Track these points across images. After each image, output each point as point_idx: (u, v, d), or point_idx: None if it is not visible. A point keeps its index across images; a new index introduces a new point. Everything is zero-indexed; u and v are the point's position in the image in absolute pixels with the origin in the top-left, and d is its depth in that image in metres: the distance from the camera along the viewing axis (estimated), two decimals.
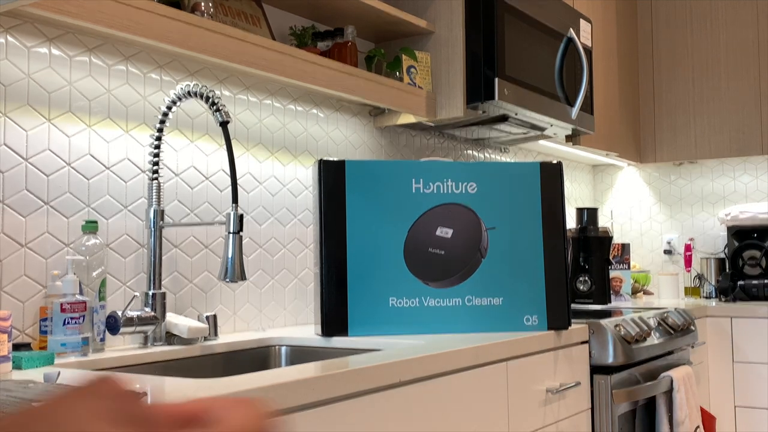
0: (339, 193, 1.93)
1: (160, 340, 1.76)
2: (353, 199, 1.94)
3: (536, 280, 2.02)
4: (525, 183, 2.05)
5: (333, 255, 1.90)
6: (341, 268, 1.91)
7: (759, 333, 3.17)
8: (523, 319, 2.01)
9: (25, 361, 1.40)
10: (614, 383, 2.17)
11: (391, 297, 1.94)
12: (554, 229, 2.05)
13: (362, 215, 1.94)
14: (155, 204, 1.78)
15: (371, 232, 1.94)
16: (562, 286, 2.03)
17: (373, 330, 1.90)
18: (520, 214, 2.04)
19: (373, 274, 1.93)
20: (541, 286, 2.02)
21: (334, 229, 1.91)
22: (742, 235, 3.68)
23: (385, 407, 1.42)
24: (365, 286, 1.92)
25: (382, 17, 2.33)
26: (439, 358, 1.57)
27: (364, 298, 1.91)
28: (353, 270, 1.91)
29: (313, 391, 1.26)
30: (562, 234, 2.06)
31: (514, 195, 2.04)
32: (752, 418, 3.27)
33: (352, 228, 1.92)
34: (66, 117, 1.68)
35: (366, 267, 1.92)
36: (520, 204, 2.04)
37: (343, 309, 1.90)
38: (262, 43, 1.87)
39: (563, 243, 2.06)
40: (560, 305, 2.02)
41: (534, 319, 2.01)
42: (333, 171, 1.94)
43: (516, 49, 2.49)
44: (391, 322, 1.92)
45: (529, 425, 1.88)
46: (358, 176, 1.95)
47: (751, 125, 3.58)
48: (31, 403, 0.94)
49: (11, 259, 1.56)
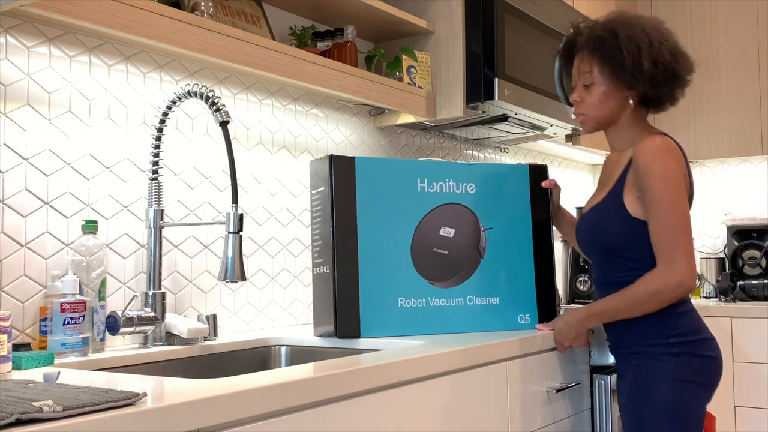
0: (350, 191, 1.89)
1: (160, 340, 1.76)
2: (363, 197, 1.90)
3: (528, 279, 2.08)
4: (516, 184, 2.11)
5: (345, 254, 1.86)
6: (353, 267, 1.87)
7: (759, 333, 3.17)
8: (518, 317, 2.06)
9: (25, 361, 1.40)
10: (614, 383, 2.17)
11: (400, 297, 1.92)
12: (542, 229, 2.12)
13: (372, 214, 1.91)
14: (155, 204, 1.78)
15: (380, 232, 1.92)
16: (550, 286, 2.11)
17: (383, 331, 1.88)
18: (513, 215, 2.09)
19: (383, 273, 1.90)
20: (532, 286, 2.09)
21: (346, 227, 1.87)
22: (742, 235, 3.68)
23: (385, 407, 1.42)
24: (376, 286, 1.89)
25: (382, 17, 2.33)
26: (439, 358, 1.57)
27: (375, 298, 1.88)
28: (364, 270, 1.88)
29: (313, 391, 1.26)
30: (549, 235, 2.13)
31: (507, 196, 2.09)
32: (752, 418, 3.27)
33: (363, 227, 1.89)
34: (66, 117, 1.68)
35: (376, 267, 1.89)
36: (512, 205, 2.10)
37: (355, 310, 1.86)
38: (262, 43, 1.87)
39: (550, 243, 2.13)
40: (549, 304, 2.10)
41: (527, 317, 2.07)
42: (344, 167, 1.89)
43: (516, 49, 2.49)
44: (400, 322, 1.91)
45: (529, 425, 1.88)
46: (367, 174, 1.92)
47: (751, 125, 3.58)
48: (31, 403, 0.94)
49: (11, 259, 1.56)
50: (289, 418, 1.22)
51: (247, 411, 1.14)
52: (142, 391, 1.05)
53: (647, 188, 1.78)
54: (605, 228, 1.87)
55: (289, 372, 1.30)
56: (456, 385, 1.63)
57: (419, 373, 1.51)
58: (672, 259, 1.74)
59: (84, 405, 0.96)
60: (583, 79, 1.90)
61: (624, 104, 1.89)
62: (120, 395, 1.02)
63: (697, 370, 1.80)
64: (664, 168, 1.77)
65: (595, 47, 1.86)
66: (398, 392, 1.46)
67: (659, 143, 1.80)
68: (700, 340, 1.82)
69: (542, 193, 2.13)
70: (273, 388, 1.19)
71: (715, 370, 1.83)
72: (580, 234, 2.00)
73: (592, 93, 1.88)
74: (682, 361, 1.78)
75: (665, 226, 1.75)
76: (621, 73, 1.83)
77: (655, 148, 1.79)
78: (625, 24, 1.84)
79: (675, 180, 1.77)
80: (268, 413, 1.18)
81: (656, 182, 1.76)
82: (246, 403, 1.14)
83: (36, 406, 0.93)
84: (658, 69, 1.81)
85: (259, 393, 1.16)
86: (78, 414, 0.95)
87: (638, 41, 1.81)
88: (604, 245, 1.89)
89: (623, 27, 1.83)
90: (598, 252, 1.93)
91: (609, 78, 1.85)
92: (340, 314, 1.84)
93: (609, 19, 1.88)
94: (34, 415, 0.91)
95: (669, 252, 1.75)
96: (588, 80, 1.88)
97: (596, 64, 1.86)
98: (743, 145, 3.60)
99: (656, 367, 1.80)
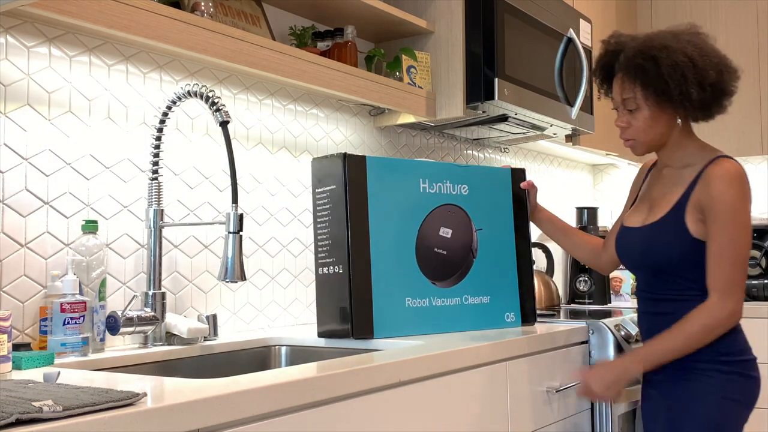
0: (362, 190, 1.89)
1: (160, 340, 1.76)
2: (373, 197, 1.90)
3: (512, 279, 2.15)
4: (500, 187, 2.16)
5: (359, 254, 1.85)
6: (366, 267, 1.86)
7: (759, 333, 3.17)
8: (505, 316, 2.11)
9: (25, 361, 1.40)
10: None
11: (407, 297, 1.93)
12: (523, 230, 2.19)
13: (381, 213, 1.91)
14: (155, 204, 1.78)
15: (389, 231, 1.92)
16: (530, 284, 2.17)
17: (394, 331, 1.88)
18: (498, 216, 2.15)
19: (392, 273, 1.91)
20: (515, 285, 2.15)
21: (359, 227, 1.87)
22: None
23: (385, 407, 1.42)
24: (386, 286, 1.89)
25: (382, 17, 2.33)
26: (439, 358, 1.57)
27: (385, 298, 1.88)
28: (375, 270, 1.88)
29: (313, 391, 1.26)
30: (527, 236, 2.20)
31: (493, 198, 2.14)
32: (752, 418, 3.26)
33: (373, 226, 1.89)
34: (66, 117, 1.68)
35: (386, 267, 1.90)
36: (497, 206, 2.15)
37: (369, 310, 1.85)
38: (262, 43, 1.87)
39: (529, 244, 2.20)
40: (529, 302, 2.16)
41: (512, 316, 2.12)
42: (356, 166, 1.89)
43: (516, 49, 2.49)
44: (408, 322, 1.92)
45: (529, 425, 1.88)
46: (376, 173, 1.92)
47: (751, 125, 3.58)
48: (31, 403, 0.94)
49: (11, 259, 1.56)
50: (289, 418, 1.22)
51: (247, 411, 1.14)
52: (142, 391, 1.05)
53: (715, 216, 1.73)
54: (664, 247, 1.81)
55: (290, 372, 1.30)
56: (456, 385, 1.63)
57: (419, 373, 1.51)
58: (728, 294, 1.73)
59: (84, 405, 0.96)
60: (626, 104, 1.83)
61: (672, 123, 1.83)
62: (120, 395, 1.02)
63: (743, 390, 1.78)
64: (734, 199, 1.73)
65: (636, 75, 1.79)
66: (398, 392, 1.46)
67: (734, 172, 1.76)
68: (748, 361, 1.81)
69: (521, 196, 2.20)
70: (273, 388, 1.19)
71: (758, 391, 1.82)
72: (624, 249, 1.93)
73: (637, 118, 1.82)
74: (731, 379, 1.77)
75: (726, 259, 1.72)
76: (668, 101, 1.77)
77: (731, 178, 1.75)
78: (664, 48, 1.75)
79: (744, 212, 1.74)
80: (268, 413, 1.18)
81: (725, 213, 1.72)
82: (246, 403, 1.14)
83: (36, 406, 0.93)
84: (706, 92, 1.76)
85: (259, 393, 1.16)
86: (78, 414, 0.95)
87: (682, 68, 1.73)
88: (661, 264, 1.83)
89: (663, 52, 1.75)
90: (651, 270, 1.86)
91: (654, 102, 1.79)
92: (356, 315, 1.84)
93: (645, 43, 1.79)
94: (34, 415, 0.91)
95: (727, 286, 1.72)
96: (632, 105, 1.82)
97: (639, 89, 1.79)
98: (743, 145, 3.60)
99: (704, 383, 1.77)
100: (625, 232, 1.93)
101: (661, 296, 1.85)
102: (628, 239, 1.92)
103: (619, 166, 4.12)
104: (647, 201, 1.93)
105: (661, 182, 1.91)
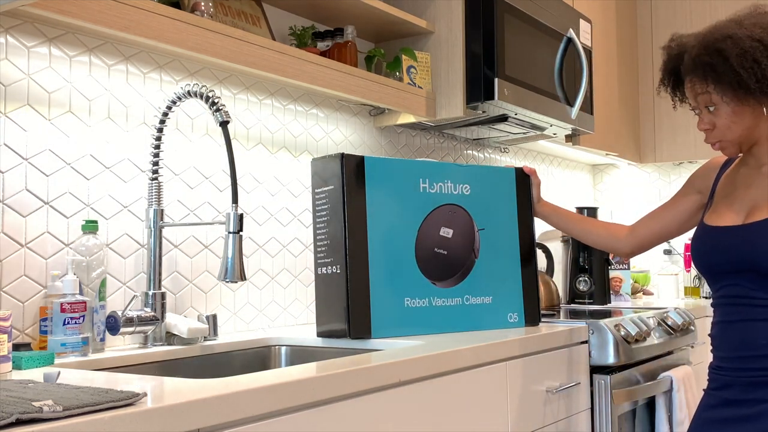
0: (360, 190, 1.90)
1: (160, 340, 1.76)
2: (371, 197, 1.91)
3: (515, 279, 2.14)
4: (504, 187, 2.16)
5: (357, 254, 1.86)
6: (365, 267, 1.87)
7: None
8: (507, 316, 2.10)
9: (25, 361, 1.40)
10: (614, 383, 2.17)
11: (407, 297, 1.93)
12: (526, 231, 2.18)
13: (379, 213, 1.91)
14: (155, 204, 1.78)
15: (387, 231, 1.92)
16: (534, 284, 2.17)
17: (392, 331, 1.88)
18: (501, 216, 2.14)
19: (391, 273, 1.91)
20: (518, 285, 2.14)
21: (357, 227, 1.87)
22: None
23: (385, 407, 1.42)
24: (385, 286, 1.89)
25: (382, 17, 2.33)
26: (439, 358, 1.57)
27: (384, 299, 1.89)
28: (374, 270, 1.88)
29: (313, 391, 1.26)
30: (532, 236, 2.20)
31: (496, 198, 2.14)
32: None
33: (372, 226, 1.89)
34: (66, 117, 1.68)
35: (385, 267, 1.90)
36: (500, 206, 2.15)
37: (366, 310, 1.86)
38: (262, 43, 1.87)
39: (533, 244, 2.20)
40: (533, 302, 2.16)
41: (515, 316, 2.12)
42: (354, 166, 1.89)
43: (516, 49, 2.49)
44: (406, 323, 1.92)
45: (529, 425, 1.88)
46: (374, 173, 1.93)
47: None
48: (31, 403, 0.94)
49: (11, 259, 1.56)
50: (289, 418, 1.22)
51: (247, 411, 1.14)
52: (142, 391, 1.05)
53: None
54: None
55: (290, 372, 1.30)
56: (456, 385, 1.63)
57: (419, 373, 1.51)
58: None
59: (84, 405, 0.96)
60: (703, 103, 1.70)
61: (759, 114, 1.67)
62: (120, 395, 1.02)
63: None
64: None
65: (705, 74, 1.66)
66: (398, 392, 1.46)
67: None
68: None
69: (526, 196, 2.20)
70: (273, 388, 1.19)
71: None
72: (716, 250, 1.71)
73: (719, 116, 1.68)
74: None
75: None
76: (747, 92, 1.63)
77: None
78: (728, 38, 1.63)
79: None
80: (268, 413, 1.18)
81: None
82: (246, 403, 1.14)
83: (36, 406, 0.93)
84: None
85: (259, 393, 1.16)
86: (78, 414, 0.95)
87: (752, 54, 1.60)
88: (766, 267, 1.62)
89: (728, 43, 1.62)
90: (755, 272, 1.64)
91: (732, 97, 1.65)
92: (353, 315, 1.84)
93: (707, 38, 1.67)
94: (34, 415, 0.91)
95: None
96: (709, 103, 1.68)
97: (712, 87, 1.66)
98: None
99: None
100: (714, 232, 1.72)
101: (758, 301, 1.64)
102: (722, 240, 1.70)
103: (619, 166, 4.12)
104: (736, 200, 1.74)
105: (759, 179, 1.73)
